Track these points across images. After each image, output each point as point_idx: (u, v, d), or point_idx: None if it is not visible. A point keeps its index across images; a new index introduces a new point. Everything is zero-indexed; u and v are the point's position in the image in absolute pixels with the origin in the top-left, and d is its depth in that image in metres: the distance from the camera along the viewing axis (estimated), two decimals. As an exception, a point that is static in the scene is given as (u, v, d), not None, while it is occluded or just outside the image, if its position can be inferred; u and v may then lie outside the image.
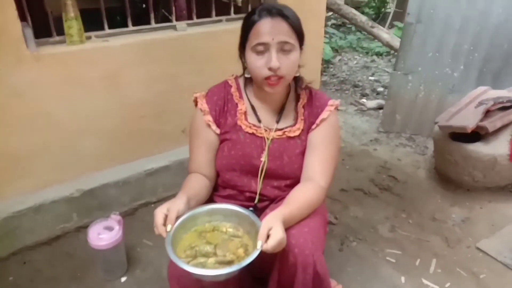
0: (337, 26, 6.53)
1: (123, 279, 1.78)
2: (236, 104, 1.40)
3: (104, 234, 1.68)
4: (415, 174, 2.63)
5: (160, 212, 1.13)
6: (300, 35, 1.26)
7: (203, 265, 1.08)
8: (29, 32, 1.68)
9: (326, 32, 5.71)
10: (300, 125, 1.39)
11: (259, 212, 1.37)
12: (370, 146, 3.01)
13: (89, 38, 1.92)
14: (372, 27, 4.29)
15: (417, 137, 3.10)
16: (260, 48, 1.22)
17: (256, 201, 1.40)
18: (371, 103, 3.74)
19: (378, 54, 5.40)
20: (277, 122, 1.39)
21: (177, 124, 2.18)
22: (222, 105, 1.40)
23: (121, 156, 2.12)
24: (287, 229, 1.17)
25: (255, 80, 1.31)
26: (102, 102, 1.98)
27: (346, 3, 6.11)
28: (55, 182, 1.95)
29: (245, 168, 1.38)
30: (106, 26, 1.98)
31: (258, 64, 1.24)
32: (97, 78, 1.92)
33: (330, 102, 1.41)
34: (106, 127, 2.03)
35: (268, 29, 1.21)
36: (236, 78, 1.46)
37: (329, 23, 6.53)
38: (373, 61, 5.21)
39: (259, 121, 1.39)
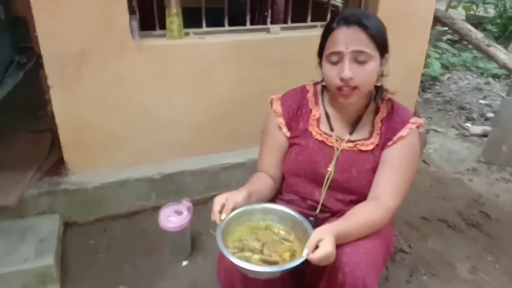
0: (452, 42, 6.03)
1: (185, 263, 1.86)
2: (311, 109, 1.38)
3: (173, 217, 1.78)
4: (514, 214, 2.31)
5: (218, 200, 1.18)
6: (380, 45, 1.20)
7: (247, 259, 1.08)
8: (136, 24, 1.86)
9: (438, 47, 5.31)
10: (375, 139, 1.32)
11: (320, 223, 1.32)
12: (465, 175, 2.72)
13: (187, 34, 2.05)
14: (488, 45, 3.85)
15: (524, 173, 2.73)
16: (334, 57, 1.19)
17: (317, 211, 1.36)
18: (476, 129, 3.38)
19: (495, 76, 4.85)
20: (350, 133, 1.34)
21: (258, 124, 2.19)
22: (296, 109, 1.40)
23: (202, 147, 2.23)
24: (342, 245, 1.12)
25: (330, 89, 1.29)
26: (191, 95, 2.10)
27: (467, 18, 5.59)
28: (140, 162, 2.13)
29: (310, 175, 1.35)
30: (204, 24, 2.10)
31: (331, 73, 1.21)
32: (190, 72, 2.05)
33: (413, 119, 1.32)
34: (192, 120, 2.16)
35: (343, 38, 1.17)
36: (315, 84, 1.44)
37: (444, 38, 6.05)
38: (487, 83, 4.70)
39: (332, 129, 1.35)
